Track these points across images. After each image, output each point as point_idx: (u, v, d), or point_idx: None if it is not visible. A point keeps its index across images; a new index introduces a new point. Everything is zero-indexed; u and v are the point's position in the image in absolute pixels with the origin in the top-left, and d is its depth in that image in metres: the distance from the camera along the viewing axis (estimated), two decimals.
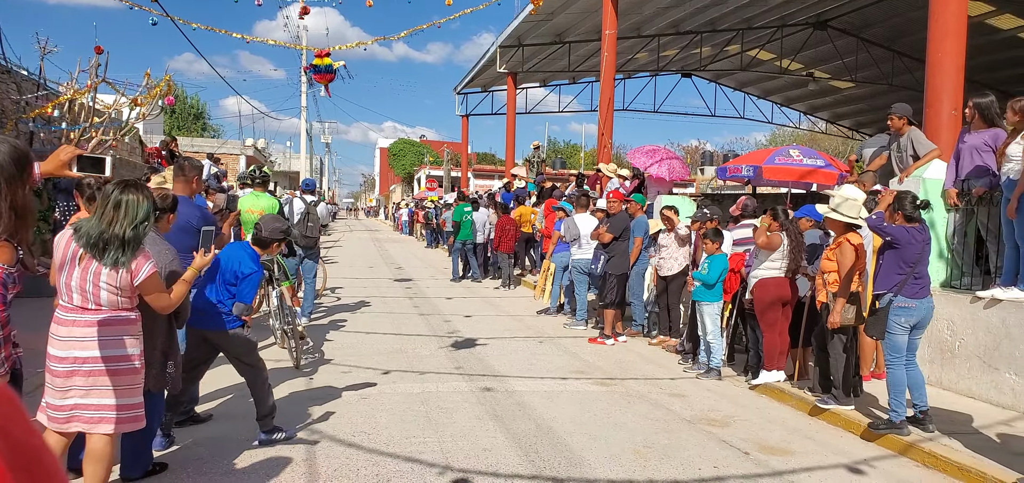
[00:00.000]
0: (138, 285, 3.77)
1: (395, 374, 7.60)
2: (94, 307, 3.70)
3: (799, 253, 7.35)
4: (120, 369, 3.75)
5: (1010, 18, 19.94)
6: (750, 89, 32.82)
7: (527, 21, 22.85)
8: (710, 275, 7.85)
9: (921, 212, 5.86)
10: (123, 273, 3.70)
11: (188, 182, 6.18)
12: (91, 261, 3.68)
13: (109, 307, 3.73)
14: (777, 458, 5.43)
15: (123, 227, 3.67)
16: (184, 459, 4.92)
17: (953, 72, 8.05)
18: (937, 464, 5.26)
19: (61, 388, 3.69)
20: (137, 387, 3.89)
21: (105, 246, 3.66)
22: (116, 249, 3.67)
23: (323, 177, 66.65)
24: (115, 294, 3.72)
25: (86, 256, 3.68)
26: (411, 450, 5.26)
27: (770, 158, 9.55)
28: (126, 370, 3.78)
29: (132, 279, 3.74)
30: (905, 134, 7.94)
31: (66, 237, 3.76)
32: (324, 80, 12.63)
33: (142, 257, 3.77)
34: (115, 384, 3.73)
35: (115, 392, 3.73)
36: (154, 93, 10.24)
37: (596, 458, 5.24)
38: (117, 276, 3.69)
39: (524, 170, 20.49)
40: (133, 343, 3.83)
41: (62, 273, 3.73)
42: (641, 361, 8.76)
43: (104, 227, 3.67)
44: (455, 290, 15.38)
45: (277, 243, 5.63)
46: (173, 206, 5.01)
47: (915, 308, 5.58)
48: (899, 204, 5.83)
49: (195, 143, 32.41)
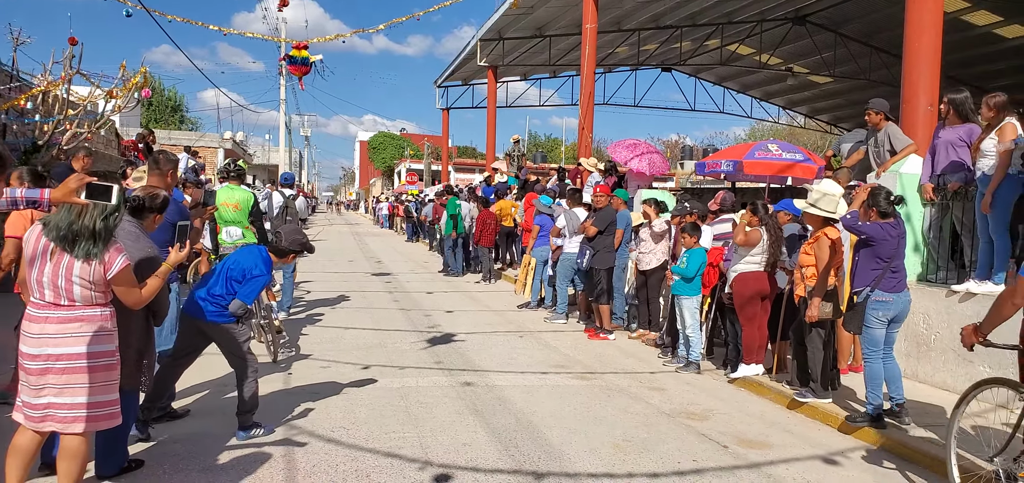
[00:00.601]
0: (111, 278, 3.71)
1: (375, 369, 7.56)
2: (66, 303, 3.64)
3: (778, 247, 7.40)
4: (94, 366, 3.69)
5: (985, 14, 20.18)
6: (729, 83, 33.00)
7: (508, 14, 22.80)
8: (689, 269, 7.88)
9: (896, 207, 5.91)
10: (95, 266, 3.64)
11: (163, 176, 6.09)
12: (62, 255, 3.61)
13: (82, 302, 3.67)
14: (755, 451, 5.47)
15: (93, 218, 3.61)
16: (161, 456, 4.86)
17: (929, 68, 8.13)
18: (912, 455, 5.31)
19: (35, 386, 3.63)
20: (112, 384, 3.83)
21: (75, 238, 3.60)
22: (87, 241, 3.61)
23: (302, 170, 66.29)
24: (88, 289, 3.66)
25: (57, 251, 3.61)
26: (390, 445, 5.24)
27: (750, 153, 9.61)
28: (100, 366, 3.72)
29: (105, 272, 3.68)
30: (882, 129, 8.01)
31: (36, 232, 3.69)
32: (299, 73, 12.60)
33: (115, 250, 3.71)
34: (89, 381, 3.67)
35: (89, 389, 3.68)
36: (130, 85, 10.11)
37: (576, 452, 5.24)
38: (90, 269, 3.63)
39: (505, 164, 20.48)
40: (107, 339, 3.77)
41: (33, 269, 3.66)
42: (621, 355, 8.79)
43: (74, 219, 3.61)
44: (435, 284, 15.34)
45: (294, 254, 5.62)
46: (162, 206, 4.92)
47: (892, 302, 5.62)
48: (873, 200, 5.86)
49: (173, 136, 32.01)
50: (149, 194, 4.81)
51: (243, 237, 8.53)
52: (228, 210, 8.65)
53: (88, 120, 10.65)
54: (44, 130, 9.60)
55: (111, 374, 3.81)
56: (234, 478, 4.57)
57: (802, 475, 5.03)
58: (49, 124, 9.66)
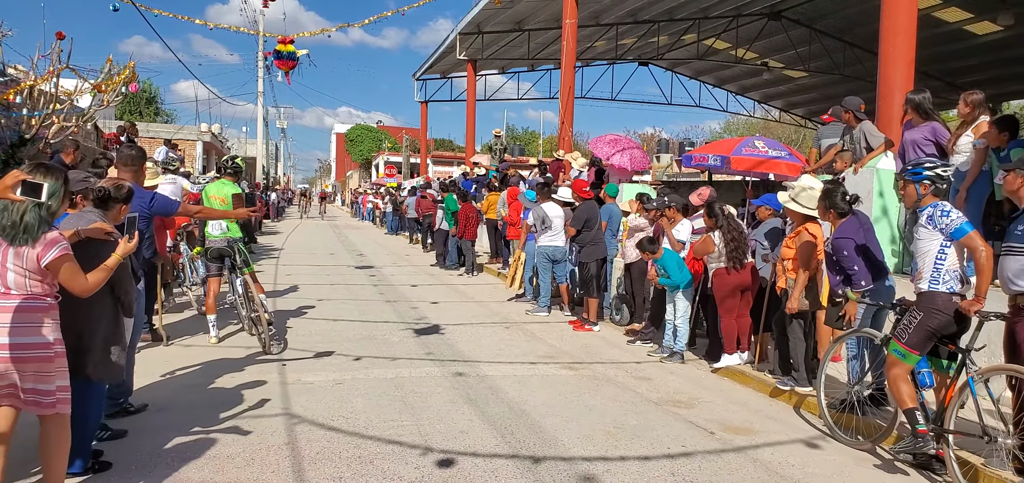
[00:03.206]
0: (45, 266, 3.70)
1: (367, 360, 7.70)
2: (3, 290, 3.67)
3: (738, 245, 7.56)
4: (25, 356, 3.68)
5: (956, 10, 20.67)
6: (706, 78, 33.40)
7: (488, 9, 22.95)
8: (673, 278, 8.09)
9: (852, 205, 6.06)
10: (28, 253, 3.65)
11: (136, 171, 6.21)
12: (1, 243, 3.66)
13: (16, 290, 3.68)
14: (741, 436, 5.71)
15: (21, 211, 3.63)
16: (159, 446, 4.96)
17: (904, 66, 8.44)
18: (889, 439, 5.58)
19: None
20: (46, 375, 3.77)
21: (11, 227, 3.64)
22: (18, 232, 3.63)
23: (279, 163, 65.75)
24: (23, 276, 3.67)
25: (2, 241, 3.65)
26: (391, 433, 5.40)
27: (737, 148, 9.88)
28: (33, 357, 3.70)
29: (38, 260, 3.67)
30: (857, 127, 8.29)
31: None
32: (286, 67, 12.66)
33: (50, 240, 3.70)
34: (17, 369, 3.65)
35: (21, 377, 3.67)
36: (118, 79, 10.10)
37: (569, 438, 5.44)
38: (23, 257, 3.65)
39: (487, 158, 20.62)
40: (39, 330, 3.73)
41: None
42: (606, 345, 9.01)
43: (7, 205, 3.64)
44: (419, 277, 15.47)
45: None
46: (127, 197, 4.99)
47: (874, 291, 5.87)
48: (830, 201, 6.02)
49: (151, 128, 31.71)
50: (114, 185, 4.90)
51: (228, 229, 8.62)
52: (215, 203, 8.74)
53: (75, 114, 10.63)
54: (31, 124, 9.59)
55: (45, 366, 3.75)
56: (240, 466, 4.69)
57: (786, 459, 5.27)
58: (36, 118, 9.64)
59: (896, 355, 5.03)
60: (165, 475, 4.50)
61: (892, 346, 5.09)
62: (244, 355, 7.82)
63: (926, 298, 4.91)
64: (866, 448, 5.48)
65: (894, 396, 5.07)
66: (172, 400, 6.08)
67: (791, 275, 6.49)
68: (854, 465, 5.21)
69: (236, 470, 4.64)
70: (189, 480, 4.48)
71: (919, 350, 4.96)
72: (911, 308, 5.06)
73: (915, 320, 4.94)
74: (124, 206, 4.85)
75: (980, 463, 4.79)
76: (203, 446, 4.99)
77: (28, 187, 3.58)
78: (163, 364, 7.20)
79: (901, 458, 5.16)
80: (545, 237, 10.64)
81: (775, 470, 5.02)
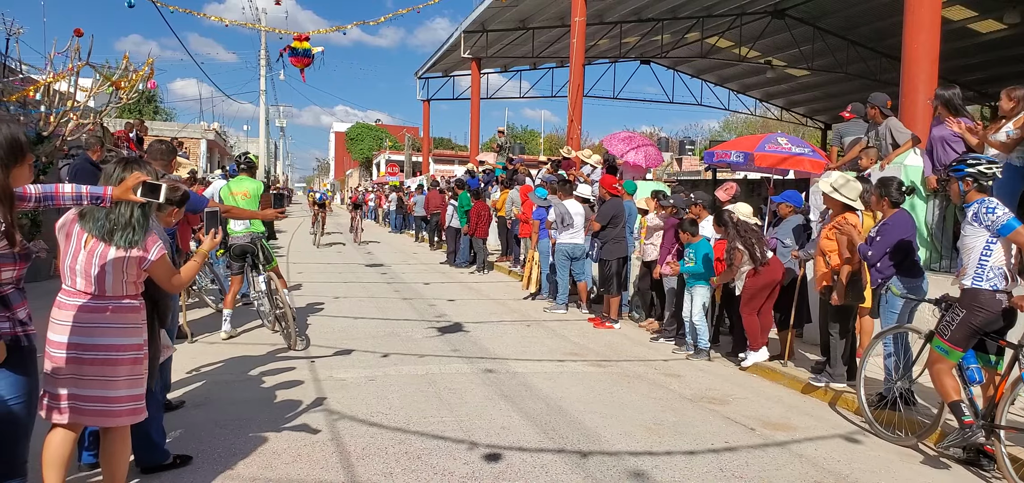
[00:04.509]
0: (148, 266, 3.69)
1: (394, 357, 7.69)
2: (98, 292, 3.60)
3: (755, 246, 7.55)
4: (123, 358, 3.64)
5: (960, 9, 20.73)
6: (707, 76, 33.44)
7: (493, 7, 22.93)
8: (697, 264, 8.09)
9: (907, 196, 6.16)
10: (131, 255, 3.61)
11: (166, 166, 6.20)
12: (98, 244, 3.58)
13: (113, 292, 3.63)
14: (781, 432, 5.71)
15: (129, 209, 3.60)
16: (211, 444, 4.94)
17: (928, 64, 8.46)
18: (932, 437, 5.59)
19: (62, 375, 3.56)
20: (138, 378, 3.76)
21: (113, 230, 3.59)
22: (126, 230, 3.60)
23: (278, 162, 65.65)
24: (120, 279, 3.62)
25: (91, 239, 3.58)
26: (433, 428, 5.39)
27: (760, 145, 9.90)
28: (128, 359, 3.67)
29: (141, 261, 3.65)
30: (883, 123, 8.30)
31: (70, 217, 3.67)
32: (301, 64, 12.60)
33: (151, 239, 3.69)
34: (117, 374, 3.63)
35: (116, 382, 3.63)
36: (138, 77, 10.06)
37: (611, 434, 5.44)
38: (124, 259, 3.60)
39: (493, 156, 20.63)
40: (136, 332, 3.72)
41: (66, 256, 3.63)
42: (629, 343, 9.01)
43: (110, 210, 3.58)
44: (431, 275, 15.46)
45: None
46: (182, 201, 4.96)
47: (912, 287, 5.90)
48: (885, 190, 6.13)
49: (156, 126, 31.59)
50: (171, 187, 4.82)
51: (251, 225, 8.60)
52: (239, 199, 8.70)
53: (94, 111, 10.58)
54: (49, 121, 9.54)
55: (137, 367, 3.75)
56: (288, 462, 4.68)
57: (829, 454, 5.27)
58: (54, 115, 9.59)
59: (939, 351, 5.05)
60: (215, 471, 4.48)
61: (935, 342, 5.10)
62: (267, 352, 7.81)
63: (969, 295, 4.92)
64: (909, 444, 5.49)
65: (938, 390, 5.08)
66: (208, 397, 6.06)
67: (834, 266, 6.47)
68: (899, 461, 5.22)
69: (285, 466, 4.62)
70: (239, 475, 4.46)
71: (962, 347, 4.97)
72: (954, 304, 5.07)
73: (958, 317, 4.95)
74: (177, 209, 4.80)
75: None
76: (248, 442, 4.97)
77: (148, 189, 3.47)
78: (190, 361, 7.18)
79: (951, 452, 5.17)
80: (566, 234, 10.63)
81: (821, 465, 5.02)
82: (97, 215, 3.61)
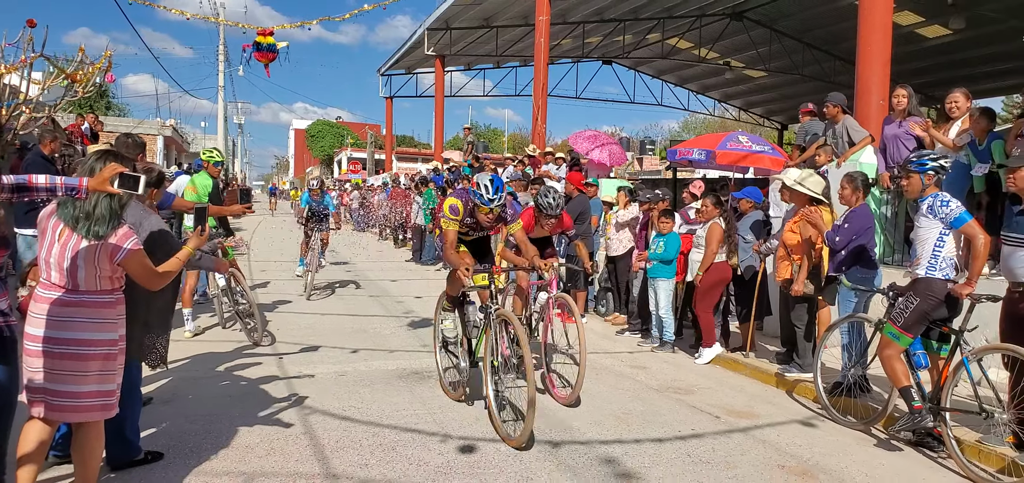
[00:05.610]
0: (120, 261, 3.61)
1: (364, 352, 7.72)
2: (71, 286, 3.55)
3: (733, 237, 7.84)
4: (93, 353, 3.58)
5: (909, 14, 21.35)
6: (668, 77, 33.86)
7: (457, 4, 22.95)
8: (666, 251, 8.27)
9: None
10: (101, 248, 3.54)
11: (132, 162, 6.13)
12: (71, 235, 3.54)
13: (86, 287, 3.57)
14: (744, 419, 5.90)
15: (97, 200, 3.54)
16: (180, 438, 4.93)
17: (880, 67, 8.75)
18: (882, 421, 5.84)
19: (34, 368, 3.52)
20: (110, 374, 3.69)
21: (78, 219, 3.54)
22: (92, 221, 3.54)
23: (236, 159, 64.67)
24: (93, 271, 3.56)
25: (66, 230, 3.53)
26: (406, 421, 5.45)
27: (722, 143, 10.14)
28: (99, 355, 3.60)
29: (112, 255, 3.57)
30: (840, 122, 8.58)
31: (49, 210, 3.64)
32: (265, 59, 12.51)
33: (123, 233, 3.61)
34: (86, 369, 3.57)
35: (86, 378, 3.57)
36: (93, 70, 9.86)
37: (582, 424, 5.56)
38: (95, 251, 3.54)
39: (459, 154, 20.67)
40: (109, 327, 3.64)
41: (42, 248, 3.60)
42: (596, 337, 9.16)
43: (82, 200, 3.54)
44: (397, 272, 15.46)
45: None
46: (159, 181, 4.94)
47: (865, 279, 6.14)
48: (861, 183, 6.39)
49: (109, 122, 30.89)
50: (145, 168, 4.79)
51: None
52: (192, 194, 8.69)
53: (47, 105, 10.34)
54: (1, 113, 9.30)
55: (110, 363, 3.67)
56: (262, 455, 4.69)
57: (790, 439, 5.48)
58: (6, 109, 9.36)
59: (890, 337, 5.27)
60: (187, 467, 4.47)
61: (887, 329, 5.33)
62: (234, 348, 7.77)
63: (923, 283, 5.15)
64: (860, 429, 5.73)
65: (889, 375, 5.31)
66: (175, 393, 6.02)
67: (796, 260, 6.69)
68: (855, 444, 5.44)
69: (259, 459, 4.64)
70: (213, 470, 4.46)
71: (912, 332, 5.20)
72: (907, 293, 5.29)
73: (911, 305, 5.17)
74: (155, 190, 4.79)
75: (976, 439, 5.05)
76: (220, 437, 4.96)
77: (126, 180, 3.42)
78: None
79: (901, 435, 5.41)
80: None
81: (783, 449, 5.22)
82: (69, 205, 3.56)
